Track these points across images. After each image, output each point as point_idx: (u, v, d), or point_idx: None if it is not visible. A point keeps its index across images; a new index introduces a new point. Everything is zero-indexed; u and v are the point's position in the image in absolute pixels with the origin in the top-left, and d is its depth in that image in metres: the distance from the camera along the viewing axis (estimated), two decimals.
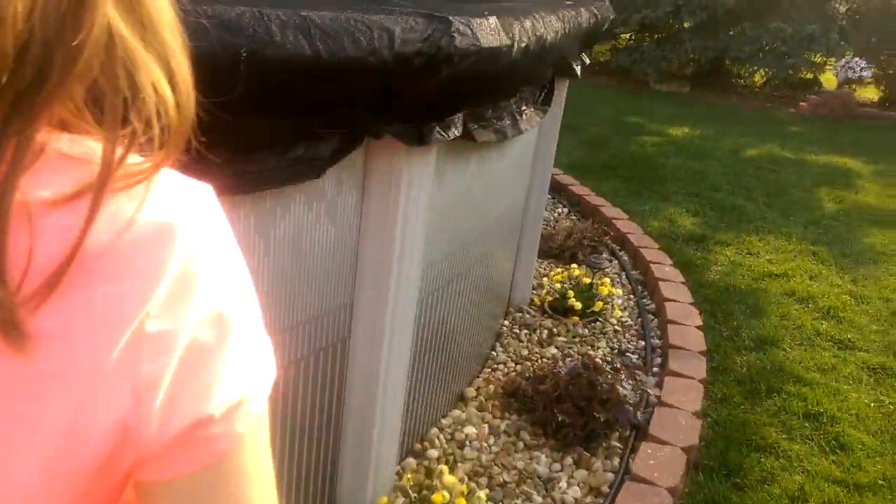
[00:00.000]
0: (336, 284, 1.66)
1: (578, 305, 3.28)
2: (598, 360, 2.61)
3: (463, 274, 2.35)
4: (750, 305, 3.63)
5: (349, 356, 1.79)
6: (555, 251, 4.08)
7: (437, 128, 1.59)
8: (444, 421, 2.43)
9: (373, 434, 1.85)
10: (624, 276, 3.88)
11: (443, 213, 2.01)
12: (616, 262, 4.07)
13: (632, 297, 3.64)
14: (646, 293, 3.69)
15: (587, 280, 3.44)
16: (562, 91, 3.05)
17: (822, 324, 3.49)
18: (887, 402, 2.88)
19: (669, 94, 10.63)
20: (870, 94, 11.46)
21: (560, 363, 2.74)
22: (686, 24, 10.42)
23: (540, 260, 4.05)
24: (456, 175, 2.04)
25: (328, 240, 1.59)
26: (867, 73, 10.36)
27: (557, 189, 5.20)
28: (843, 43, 10.50)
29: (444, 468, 2.08)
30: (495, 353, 2.96)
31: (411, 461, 2.21)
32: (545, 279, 3.60)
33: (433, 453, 2.26)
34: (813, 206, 5.42)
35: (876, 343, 3.35)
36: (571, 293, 3.31)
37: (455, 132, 1.68)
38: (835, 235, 4.78)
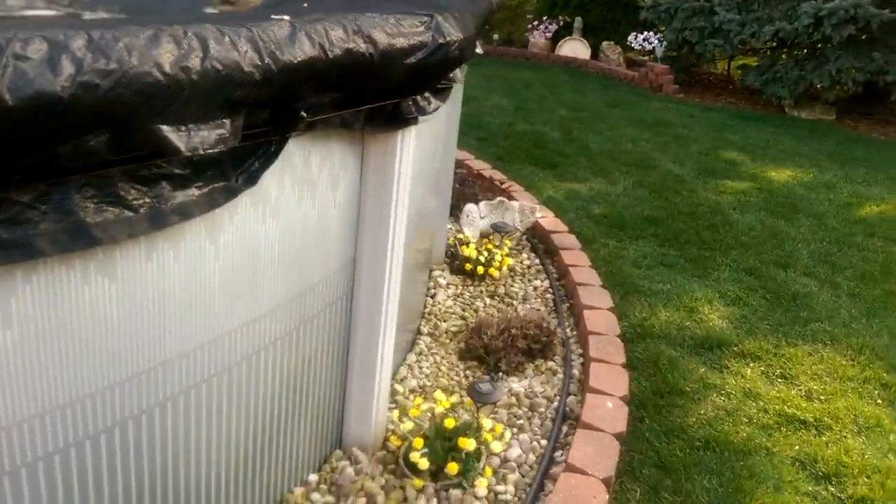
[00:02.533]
0: None
1: (425, 465, 2.19)
2: None
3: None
4: (726, 484, 2.33)
5: None
6: (478, 352, 2.97)
7: None
8: None
9: None
10: (555, 405, 2.70)
11: None
12: (561, 375, 2.89)
13: (542, 443, 2.47)
14: (560, 444, 2.50)
15: (451, 422, 2.32)
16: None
17: None
18: None
19: (809, 122, 8.82)
20: None
21: None
22: (832, 40, 8.53)
23: (458, 363, 2.97)
24: None
25: None
26: None
27: (550, 252, 4.04)
28: None
29: None
30: None
31: None
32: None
33: None
34: None
35: None
36: (419, 443, 2.23)
37: None
38: None
